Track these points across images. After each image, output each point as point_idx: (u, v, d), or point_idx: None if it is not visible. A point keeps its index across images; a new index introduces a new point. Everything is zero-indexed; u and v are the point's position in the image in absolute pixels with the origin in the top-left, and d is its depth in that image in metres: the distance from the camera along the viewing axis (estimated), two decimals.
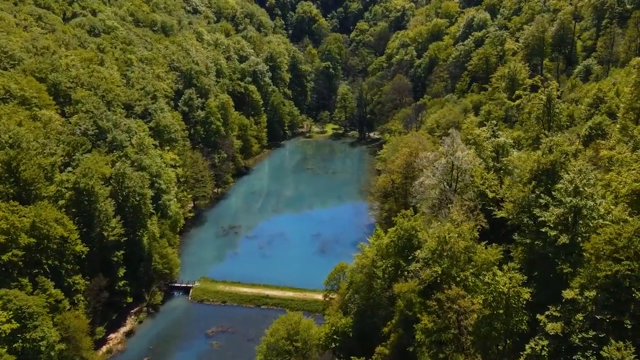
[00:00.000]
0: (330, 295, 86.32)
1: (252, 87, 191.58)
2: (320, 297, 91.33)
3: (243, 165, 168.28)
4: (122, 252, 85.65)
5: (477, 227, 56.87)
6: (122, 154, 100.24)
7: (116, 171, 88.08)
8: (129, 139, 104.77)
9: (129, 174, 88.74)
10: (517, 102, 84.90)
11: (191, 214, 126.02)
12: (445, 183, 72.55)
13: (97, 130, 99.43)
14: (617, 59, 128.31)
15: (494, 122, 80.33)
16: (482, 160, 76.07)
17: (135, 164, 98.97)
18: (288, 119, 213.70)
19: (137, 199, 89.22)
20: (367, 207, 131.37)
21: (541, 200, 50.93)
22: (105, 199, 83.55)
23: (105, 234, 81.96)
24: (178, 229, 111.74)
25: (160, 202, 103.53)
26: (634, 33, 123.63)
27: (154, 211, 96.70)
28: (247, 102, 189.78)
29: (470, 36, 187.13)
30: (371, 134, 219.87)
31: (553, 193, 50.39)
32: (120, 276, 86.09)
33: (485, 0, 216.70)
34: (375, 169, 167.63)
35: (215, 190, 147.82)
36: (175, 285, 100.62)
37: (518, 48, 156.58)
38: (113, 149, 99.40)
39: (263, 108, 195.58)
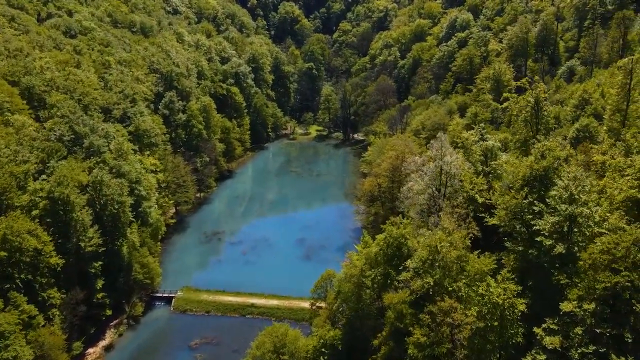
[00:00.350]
0: (318, 304, 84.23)
1: (235, 89, 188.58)
2: (306, 304, 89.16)
3: (226, 168, 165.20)
4: (100, 262, 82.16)
5: (469, 235, 55.21)
6: (99, 159, 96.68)
7: (93, 179, 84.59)
8: (107, 144, 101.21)
9: (107, 181, 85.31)
10: (505, 104, 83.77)
11: (173, 221, 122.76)
12: (433, 188, 70.91)
13: (73, 136, 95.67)
14: (600, 60, 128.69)
15: (482, 125, 78.89)
16: (470, 164, 74.81)
17: (114, 170, 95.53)
18: (271, 121, 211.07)
19: (116, 207, 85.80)
20: (352, 210, 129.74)
21: (535, 208, 49.43)
22: (81, 208, 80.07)
23: (82, 244, 78.47)
24: (159, 236, 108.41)
25: (140, 209, 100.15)
26: (617, 34, 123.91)
27: (133, 219, 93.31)
28: (229, 104, 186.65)
29: (453, 37, 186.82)
30: (355, 135, 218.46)
31: (547, 200, 48.94)
32: (98, 288, 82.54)
33: (468, 1, 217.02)
34: (360, 171, 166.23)
35: (198, 194, 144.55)
36: (157, 295, 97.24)
37: (502, 49, 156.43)
38: (90, 155, 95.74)
39: (246, 110, 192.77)
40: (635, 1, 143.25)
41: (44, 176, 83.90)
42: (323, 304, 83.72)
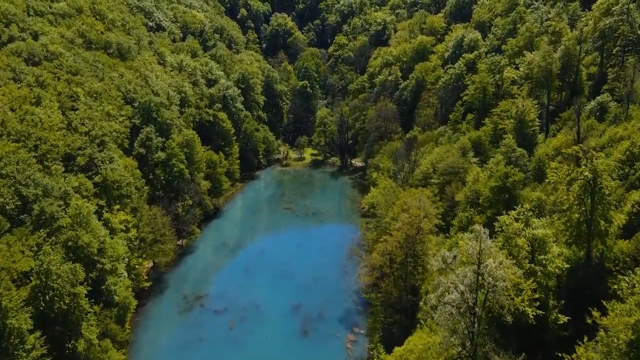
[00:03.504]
0: None
1: (222, 115, 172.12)
2: None
3: (212, 207, 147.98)
4: None
5: None
6: (53, 228, 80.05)
7: (38, 268, 67.61)
8: (63, 207, 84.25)
9: (55, 270, 68.30)
10: (550, 176, 67.93)
11: (147, 284, 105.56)
12: (470, 297, 54.71)
13: (19, 202, 78.77)
14: (635, 94, 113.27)
15: (526, 207, 62.89)
16: (513, 258, 58.83)
17: (70, 243, 78.80)
18: (262, 147, 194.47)
19: (67, 300, 68.90)
20: (355, 264, 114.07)
21: None
22: (18, 311, 63.07)
23: None
24: (129, 314, 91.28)
25: (103, 287, 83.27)
26: None
27: (91, 310, 76.10)
28: (216, 131, 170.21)
29: (461, 58, 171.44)
30: (354, 162, 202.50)
31: None
32: None
33: (474, 17, 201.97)
34: (361, 208, 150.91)
35: (179, 242, 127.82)
36: None
37: (518, 77, 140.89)
38: (41, 225, 78.80)
39: (235, 137, 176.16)
40: None
41: None
42: None
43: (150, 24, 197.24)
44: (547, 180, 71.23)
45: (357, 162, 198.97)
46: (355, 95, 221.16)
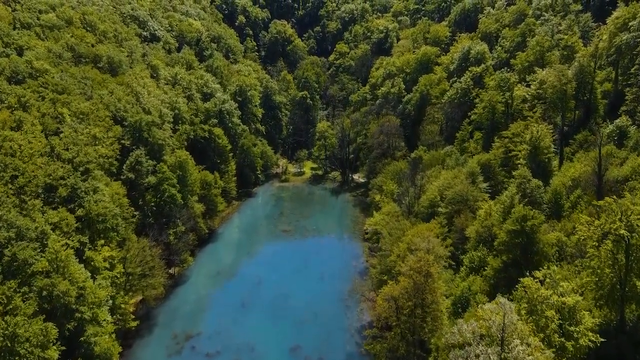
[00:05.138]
0: None
1: (218, 130, 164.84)
2: None
3: (206, 231, 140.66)
4: None
5: None
6: (27, 275, 72.92)
7: (3, 331, 60.35)
8: (39, 249, 77.09)
9: (22, 333, 61.09)
10: (582, 232, 60.41)
11: (134, 324, 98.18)
12: None
13: None
14: None
15: (553, 270, 55.65)
16: (540, 330, 51.63)
17: (45, 292, 71.67)
18: (260, 163, 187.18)
19: None
20: (358, 299, 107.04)
21: None
22: None
23: None
24: None
25: (82, 338, 76.08)
26: None
27: None
28: (212, 147, 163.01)
29: (467, 71, 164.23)
30: (355, 177, 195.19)
31: None
32: None
33: (481, 27, 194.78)
34: (363, 231, 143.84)
35: (171, 271, 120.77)
36: None
37: (529, 95, 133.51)
38: (12, 273, 71.59)
39: (231, 153, 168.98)
40: None
41: None
42: None
43: (145, 34, 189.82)
44: (576, 236, 63.46)
45: (359, 178, 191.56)
46: (356, 106, 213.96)
